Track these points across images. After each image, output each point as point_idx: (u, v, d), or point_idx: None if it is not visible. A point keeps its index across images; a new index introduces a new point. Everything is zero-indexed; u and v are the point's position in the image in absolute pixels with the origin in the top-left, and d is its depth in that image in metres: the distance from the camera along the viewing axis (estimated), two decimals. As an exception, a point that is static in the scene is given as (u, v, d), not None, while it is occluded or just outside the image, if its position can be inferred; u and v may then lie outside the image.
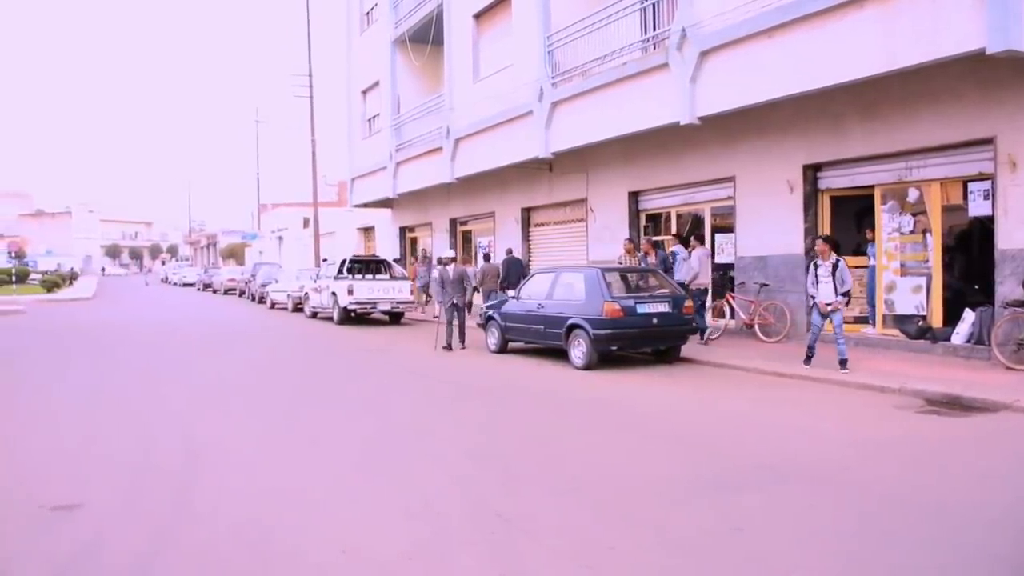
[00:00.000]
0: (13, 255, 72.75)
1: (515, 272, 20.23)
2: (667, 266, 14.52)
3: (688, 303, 12.71)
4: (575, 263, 18.65)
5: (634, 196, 18.43)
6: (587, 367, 12.06)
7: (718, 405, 9.43)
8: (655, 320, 12.22)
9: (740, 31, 12.69)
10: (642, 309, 12.17)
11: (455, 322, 15.34)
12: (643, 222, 18.54)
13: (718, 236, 16.47)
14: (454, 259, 16.10)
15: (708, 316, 15.07)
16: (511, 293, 14.76)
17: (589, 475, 6.36)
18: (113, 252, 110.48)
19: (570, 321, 12.42)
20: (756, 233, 15.03)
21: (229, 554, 4.74)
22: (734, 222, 15.69)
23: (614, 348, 12.35)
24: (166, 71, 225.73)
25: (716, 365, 12.32)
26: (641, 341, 12.61)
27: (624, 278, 13.40)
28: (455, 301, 15.19)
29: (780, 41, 12.13)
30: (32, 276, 59.16)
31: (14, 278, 46.10)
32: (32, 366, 13.66)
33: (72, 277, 61.52)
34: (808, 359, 11.16)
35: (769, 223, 14.66)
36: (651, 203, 18.23)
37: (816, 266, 11.11)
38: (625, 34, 16.06)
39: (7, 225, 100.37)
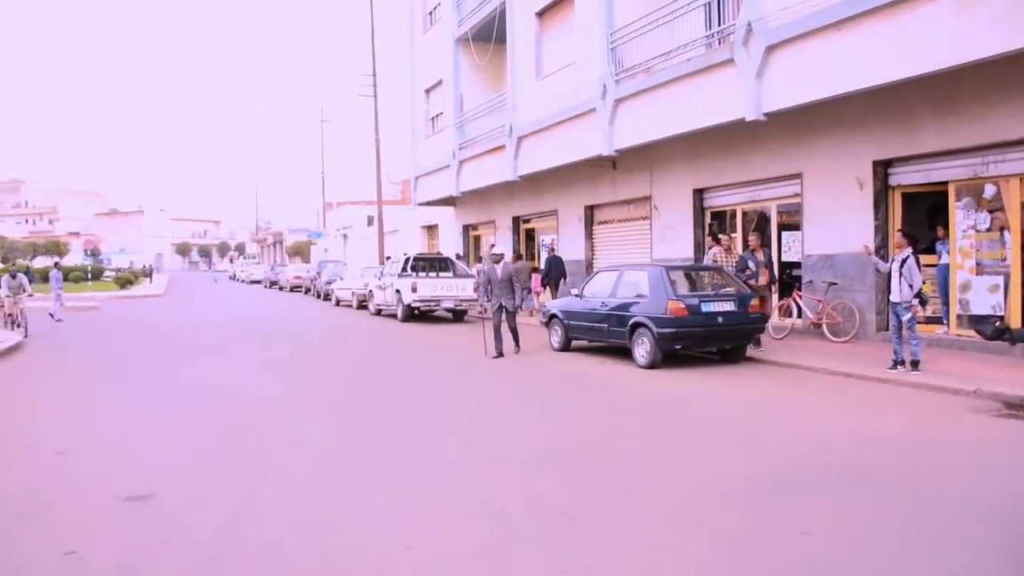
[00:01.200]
0: (89, 253, 75.17)
1: (556, 270, 22.00)
2: (767, 265, 14.15)
3: (755, 302, 12.54)
4: (639, 261, 18.56)
5: (699, 193, 18.23)
6: (651, 366, 11.99)
7: (784, 406, 9.29)
8: (720, 319, 12.09)
9: (808, 24, 12.45)
10: (707, 308, 12.05)
11: (504, 326, 14.28)
12: (708, 220, 18.33)
13: (784, 234, 16.22)
14: (502, 256, 15.05)
15: (774, 316, 14.85)
16: (574, 291, 14.71)
17: (652, 475, 6.34)
18: (183, 250, 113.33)
19: (634, 319, 12.36)
20: (824, 231, 14.75)
21: (295, 546, 4.85)
22: (801, 220, 15.42)
23: (678, 347, 12.25)
24: (235, 73, 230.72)
25: (783, 365, 12.13)
26: (706, 340, 12.48)
27: (688, 276, 13.28)
28: (503, 303, 14.12)
29: (849, 34, 11.88)
30: (106, 273, 61.07)
31: (89, 275, 47.67)
32: (106, 360, 14.12)
33: (147, 273, 63.17)
34: (898, 363, 10.70)
35: (838, 221, 14.37)
36: (716, 200, 18.02)
37: (890, 261, 10.89)
38: (689, 30, 15.90)
39: (83, 223, 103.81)
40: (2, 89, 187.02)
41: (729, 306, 12.21)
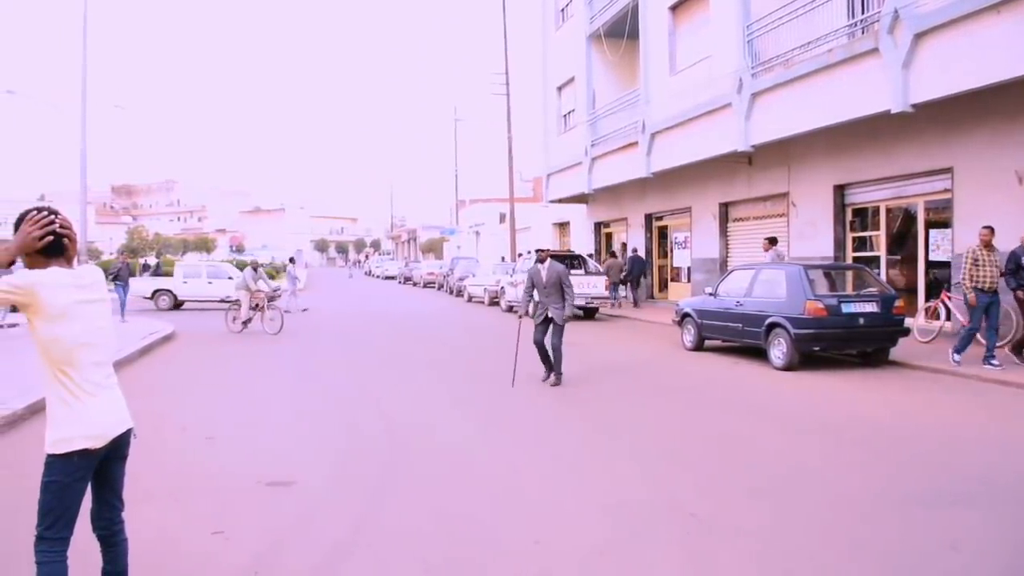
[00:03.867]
0: (234, 248, 79.08)
1: (638, 269, 25.18)
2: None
3: (899, 303, 11.97)
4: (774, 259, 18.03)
5: (839, 189, 17.56)
6: (787, 367, 11.64)
7: (931, 412, 8.83)
8: (861, 320, 11.61)
9: (962, 8, 11.78)
10: (847, 308, 11.60)
11: (547, 344, 10.89)
12: (849, 217, 17.62)
13: (932, 232, 15.40)
14: (548, 254, 11.29)
15: (920, 318, 14.12)
16: (708, 290, 14.43)
17: (789, 480, 6.15)
18: (321, 246, 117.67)
19: (770, 319, 12.03)
20: (977, 228, 13.89)
21: (427, 536, 4.97)
22: (951, 217, 14.61)
23: (816, 348, 11.85)
24: (373, 75, 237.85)
25: (929, 370, 11.53)
26: (846, 342, 12.02)
27: (828, 275, 12.83)
28: (549, 315, 10.83)
29: (1009, 17, 11.16)
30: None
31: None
32: (251, 351, 14.82)
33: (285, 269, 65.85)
34: None
35: (992, 217, 13.49)
36: (858, 197, 17.30)
37: None
38: (830, 19, 15.33)
39: (229, 221, 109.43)
40: (156, 95, 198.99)
41: (872, 307, 11.71)
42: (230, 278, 25.79)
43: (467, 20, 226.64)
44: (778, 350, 11.89)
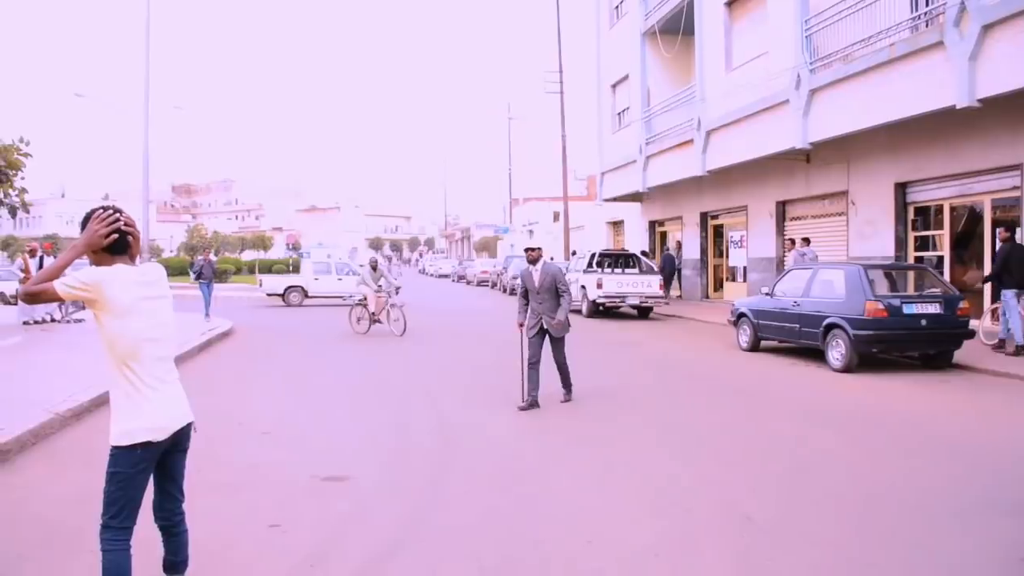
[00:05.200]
0: (290, 247, 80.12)
1: (669, 267, 25.95)
2: None
3: (964, 304, 11.65)
4: (834, 259, 17.74)
5: (901, 188, 17.17)
6: (845, 369, 11.42)
7: (996, 418, 8.59)
8: (924, 322, 11.33)
9: (1032, 0, 11.43)
10: (909, 309, 11.33)
11: (547, 359, 9.26)
12: (911, 216, 17.22)
13: (999, 231, 14.95)
14: (540, 253, 9.41)
15: (986, 319, 13.74)
16: (764, 290, 14.22)
17: (848, 485, 6.03)
18: (376, 244, 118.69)
19: (828, 320, 11.81)
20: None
21: (479, 534, 4.99)
22: (1020, 215, 14.18)
23: (876, 350, 11.60)
24: (427, 74, 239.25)
25: (997, 374, 11.19)
26: (907, 344, 11.75)
27: (889, 276, 12.55)
28: (543, 324, 9.17)
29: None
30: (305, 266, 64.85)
31: (290, 268, 51.00)
32: (308, 347, 15.03)
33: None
34: None
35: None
36: (920, 195, 16.90)
37: None
38: (892, 13, 14.99)
39: (286, 219, 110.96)
40: (215, 95, 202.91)
41: (934, 308, 11.42)
42: (356, 274, 26.19)
43: (521, 18, 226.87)
44: (836, 351, 11.66)
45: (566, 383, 9.45)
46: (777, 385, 10.84)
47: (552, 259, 34.72)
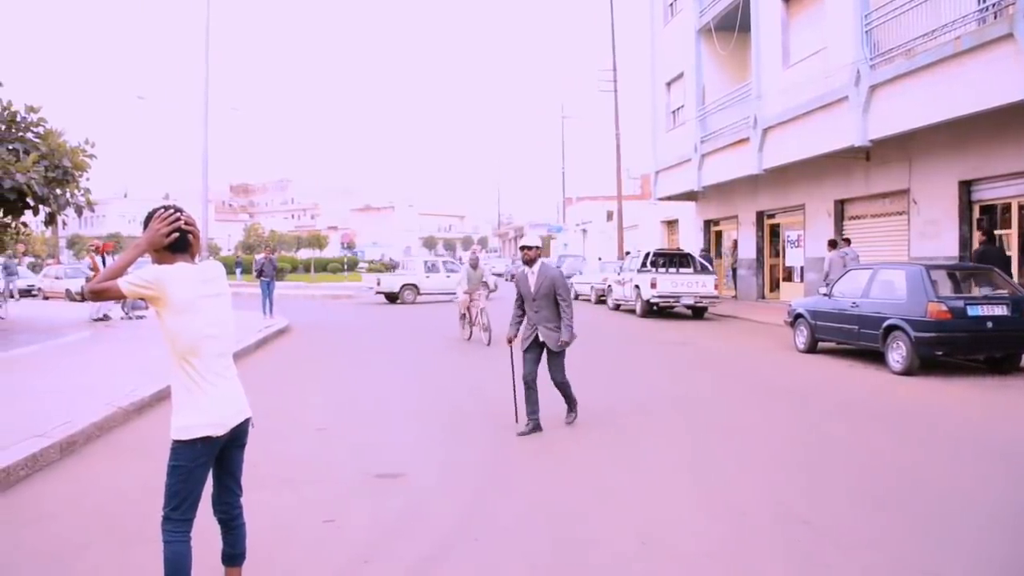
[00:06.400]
0: (345, 246, 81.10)
1: None
2: None
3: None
4: (895, 259, 17.37)
5: (965, 186, 16.71)
6: (906, 372, 11.15)
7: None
8: (990, 324, 11.00)
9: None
10: (974, 311, 11.02)
11: (541, 376, 7.86)
12: (976, 214, 16.76)
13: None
14: (537, 253, 7.88)
15: None
16: (822, 290, 13.97)
17: (908, 491, 5.89)
18: (429, 243, 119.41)
19: (888, 322, 11.56)
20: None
21: (532, 533, 4.99)
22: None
23: (939, 353, 11.31)
24: (479, 72, 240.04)
25: (1065, 376, 10.86)
26: (971, 347, 11.41)
27: (952, 276, 12.21)
28: (540, 336, 7.77)
29: None
30: (360, 264, 65.72)
31: (345, 266, 51.58)
32: (362, 345, 15.18)
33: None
34: None
35: None
36: (986, 193, 16.44)
37: None
38: (957, 5, 14.59)
39: (341, 218, 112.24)
40: (271, 96, 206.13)
41: (1001, 310, 11.09)
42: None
43: (576, 17, 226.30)
44: (897, 354, 11.41)
45: (570, 403, 8.11)
46: (834, 387, 10.64)
47: (600, 259, 34.79)
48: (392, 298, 28.65)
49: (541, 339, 7.74)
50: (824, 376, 11.59)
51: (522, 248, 7.92)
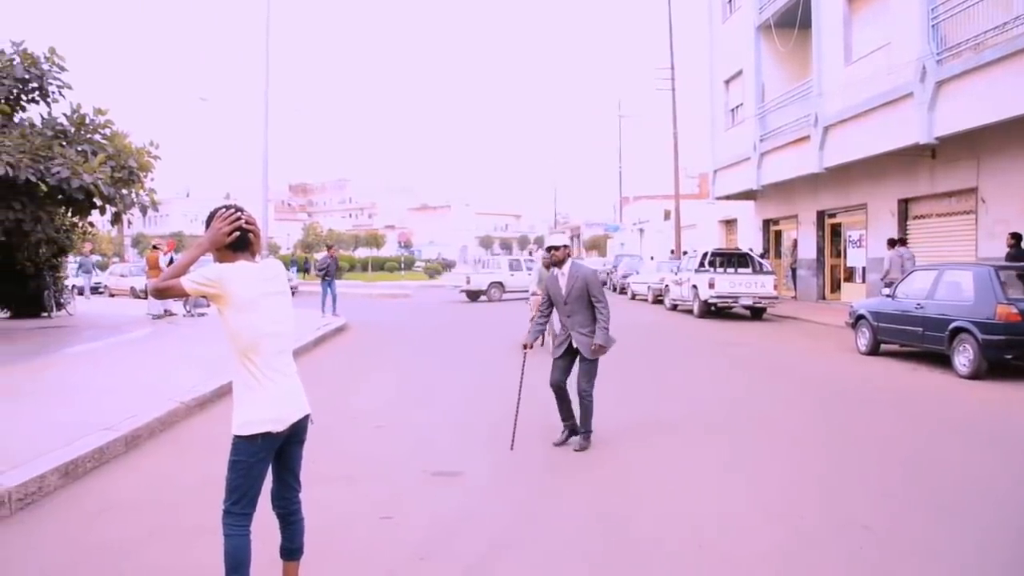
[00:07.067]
0: (402, 245, 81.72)
1: None
2: None
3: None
4: (962, 260, 16.90)
5: (1037, 183, 16.20)
6: (973, 376, 10.84)
7: None
8: (1062, 326, 10.64)
9: None
10: (1046, 314, 10.66)
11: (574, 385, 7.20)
12: (1049, 213, 16.23)
13: None
14: (567, 253, 7.27)
15: None
16: (885, 291, 13.65)
17: (971, 498, 5.71)
18: (486, 243, 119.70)
19: (954, 324, 11.24)
20: None
21: (589, 534, 4.97)
22: None
23: (1008, 357, 10.96)
24: (536, 71, 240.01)
25: None
26: (1044, 351, 11.05)
27: (1022, 277, 11.84)
28: (574, 342, 7.15)
29: None
30: (416, 264, 66.16)
31: (402, 265, 52.03)
32: (419, 344, 15.28)
33: (447, 267, 67.23)
34: None
35: None
36: (1060, 191, 15.90)
37: None
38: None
39: (398, 217, 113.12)
40: (331, 96, 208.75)
41: (1074, 312, 10.71)
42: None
43: (632, 15, 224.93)
44: (963, 357, 11.09)
45: (585, 423, 7.18)
46: (898, 391, 10.39)
47: (652, 258, 34.41)
48: (473, 296, 29.20)
49: (575, 345, 7.11)
50: (887, 379, 11.33)
51: (548, 249, 7.34)
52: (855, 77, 19.97)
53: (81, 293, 27.57)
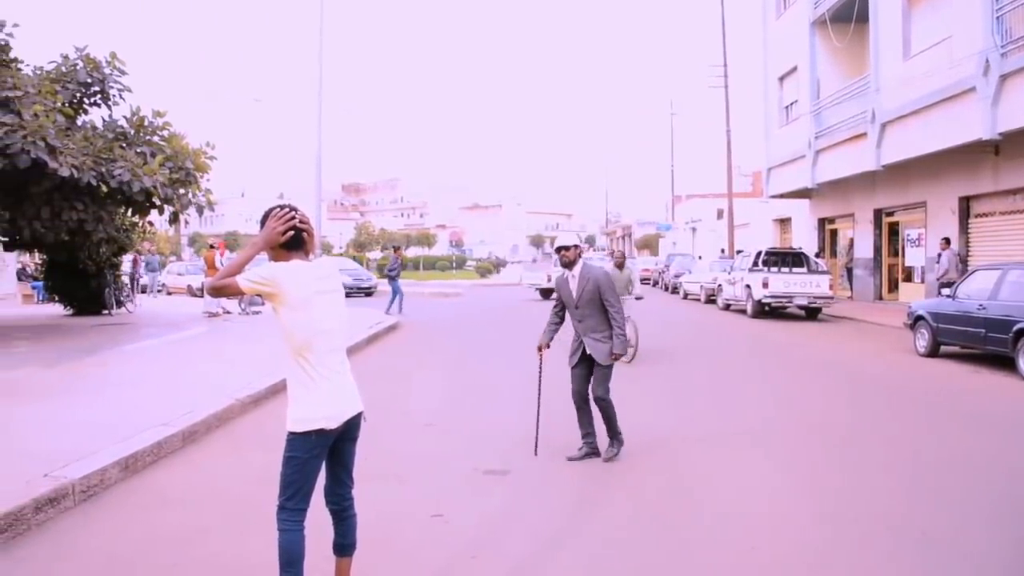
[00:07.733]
0: (453, 244, 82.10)
1: None
2: None
3: None
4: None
5: (1106, 180, 15.68)
6: (1038, 378, 10.55)
7: None
8: None
9: None
10: (1114, 314, 10.33)
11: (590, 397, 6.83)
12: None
13: None
14: (577, 253, 6.85)
15: None
16: (946, 292, 13.33)
17: (1039, 505, 5.55)
18: (536, 242, 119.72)
19: (1019, 325, 10.94)
20: None
21: (640, 535, 4.94)
22: None
23: (1076, 359, 10.65)
24: (589, 70, 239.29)
25: None
26: (1113, 352, 10.70)
27: (1090, 277, 11.48)
28: (589, 349, 6.70)
29: None
30: (468, 263, 66.40)
31: (454, 264, 52.29)
32: (470, 342, 15.33)
33: (498, 267, 67.09)
34: None
35: None
36: None
37: None
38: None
39: (449, 216, 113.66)
40: (383, 96, 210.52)
41: None
42: None
43: (684, 11, 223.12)
44: (1029, 359, 10.80)
45: (612, 430, 6.80)
46: (959, 394, 10.15)
47: (699, 257, 33.98)
48: (546, 294, 28.70)
49: (588, 352, 6.69)
50: (946, 382, 11.07)
51: (558, 250, 6.81)
52: (914, 72, 19.53)
53: (145, 291, 28.22)
